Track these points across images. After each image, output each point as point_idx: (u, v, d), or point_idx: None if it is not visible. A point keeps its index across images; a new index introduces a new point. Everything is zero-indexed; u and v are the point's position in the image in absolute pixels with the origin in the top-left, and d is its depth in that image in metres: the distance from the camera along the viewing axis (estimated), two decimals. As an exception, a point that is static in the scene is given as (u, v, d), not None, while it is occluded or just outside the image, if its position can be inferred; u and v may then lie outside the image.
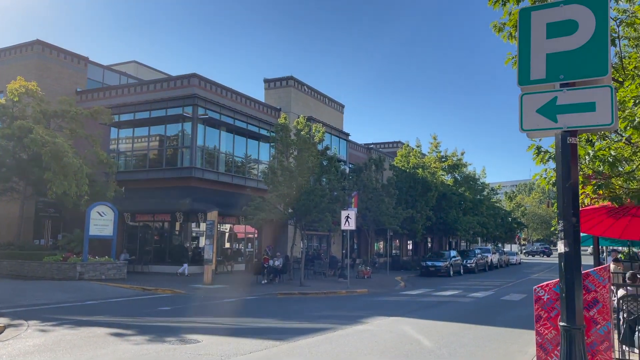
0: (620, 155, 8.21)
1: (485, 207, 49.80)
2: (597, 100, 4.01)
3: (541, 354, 4.41)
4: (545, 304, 4.44)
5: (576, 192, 4.11)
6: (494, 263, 42.59)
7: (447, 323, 12.48)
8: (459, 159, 44.89)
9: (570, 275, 4.00)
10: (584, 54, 4.04)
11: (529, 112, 4.24)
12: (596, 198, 9.21)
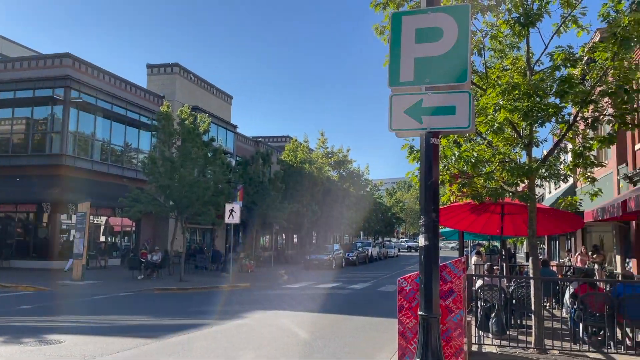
0: (482, 157, 8.92)
1: (368, 203, 52.00)
2: (457, 104, 4.30)
3: (402, 342, 4.66)
4: (407, 295, 4.69)
5: (437, 190, 4.37)
6: (374, 256, 44.59)
7: (326, 315, 12.82)
8: (345, 156, 46.33)
9: (429, 267, 4.26)
10: (447, 61, 4.30)
11: (397, 113, 4.45)
12: (461, 195, 9.95)
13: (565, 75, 8.55)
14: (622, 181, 17.64)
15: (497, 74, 9.67)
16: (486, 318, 9.52)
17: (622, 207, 12.81)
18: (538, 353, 8.09)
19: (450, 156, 8.98)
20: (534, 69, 9.42)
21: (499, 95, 8.19)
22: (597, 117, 8.57)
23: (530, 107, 8.07)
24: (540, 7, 8.74)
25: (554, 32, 8.96)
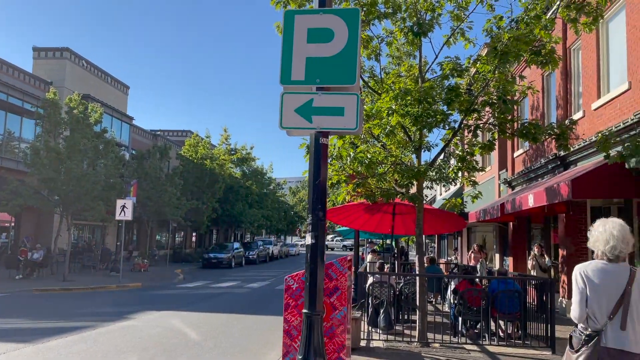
0: (376, 158, 9.23)
1: (271, 201, 51.92)
2: (345, 106, 4.36)
3: (287, 340, 4.67)
4: (294, 293, 4.70)
5: (324, 189, 4.42)
6: (275, 254, 44.65)
7: (219, 314, 12.58)
8: (248, 153, 45.86)
9: (315, 265, 4.29)
10: (337, 62, 4.36)
11: (288, 111, 4.43)
12: (356, 195, 10.23)
13: (452, 84, 9.11)
14: (502, 185, 19.16)
15: (393, 79, 10.08)
16: (376, 314, 9.87)
17: (500, 209, 13.91)
18: (421, 346, 8.53)
19: (345, 157, 9.20)
20: (425, 76, 9.93)
21: (392, 100, 8.51)
22: (478, 125, 9.20)
23: (421, 113, 8.48)
24: (432, 18, 9.22)
25: (444, 43, 9.50)
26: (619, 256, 3.52)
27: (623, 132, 9.61)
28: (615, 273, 3.48)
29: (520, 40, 8.36)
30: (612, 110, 10.79)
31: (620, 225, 3.59)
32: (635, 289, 3.42)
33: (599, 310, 3.45)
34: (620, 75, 10.70)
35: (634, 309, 3.40)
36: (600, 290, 3.46)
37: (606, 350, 3.38)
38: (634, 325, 3.39)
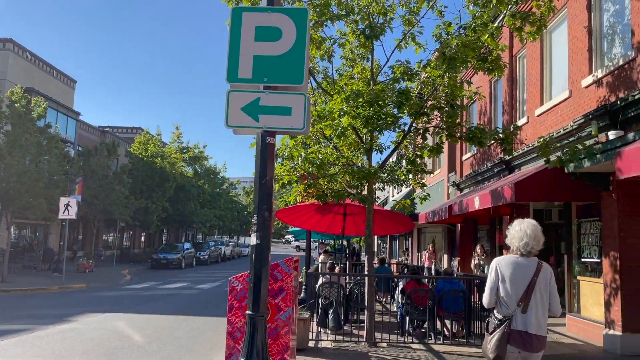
0: (327, 159, 9.26)
1: (224, 201, 51.30)
2: (293, 105, 4.34)
3: (230, 342, 4.60)
4: (238, 294, 4.64)
5: (270, 189, 4.38)
6: (227, 255, 44.11)
7: (166, 316, 12.29)
8: (201, 152, 45.12)
9: (259, 266, 4.24)
10: (285, 61, 4.33)
11: (234, 109, 4.36)
12: (307, 196, 10.23)
13: (403, 88, 9.24)
14: (451, 188, 19.64)
15: (345, 81, 10.14)
16: (325, 314, 9.89)
17: (448, 211, 14.23)
18: (368, 346, 8.60)
19: (297, 157, 9.20)
20: (377, 79, 10.04)
21: (344, 101, 8.56)
22: (427, 129, 9.38)
23: (371, 115, 8.55)
24: (384, 21, 9.34)
25: (395, 47, 9.63)
26: (531, 252, 4.02)
27: (563, 138, 10.03)
28: (525, 266, 3.99)
29: (468, 46, 8.58)
30: (554, 116, 11.25)
31: (534, 225, 4.09)
32: (541, 280, 3.95)
33: (510, 297, 3.94)
34: (562, 84, 11.17)
35: (538, 297, 3.91)
36: (512, 281, 3.96)
37: (516, 332, 3.90)
38: (537, 311, 3.90)
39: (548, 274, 4.03)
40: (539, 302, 3.92)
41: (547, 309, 3.98)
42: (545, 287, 3.96)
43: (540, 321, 3.92)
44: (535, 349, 3.90)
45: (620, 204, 8.49)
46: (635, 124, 8.11)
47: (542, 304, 3.93)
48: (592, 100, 9.61)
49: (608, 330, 8.53)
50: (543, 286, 3.94)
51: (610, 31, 9.50)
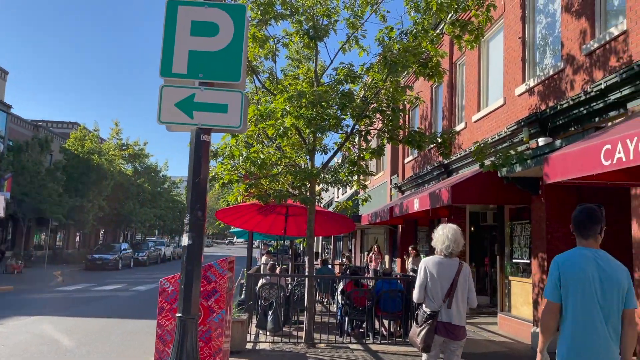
0: (269, 159, 9.18)
1: (164, 200, 49.99)
2: (229, 103, 4.25)
3: (160, 346, 4.45)
4: (169, 296, 4.49)
5: (204, 188, 4.27)
6: (167, 256, 42.96)
7: (99, 319, 11.80)
8: (142, 149, 43.78)
9: (191, 267, 4.12)
10: (222, 58, 4.24)
11: (168, 105, 4.22)
12: (248, 196, 10.09)
13: (346, 90, 9.31)
14: (393, 190, 20.01)
15: (289, 81, 10.10)
16: (264, 316, 9.80)
17: (390, 212, 14.48)
18: (307, 347, 8.59)
19: (238, 156, 9.06)
20: (321, 80, 10.06)
21: (287, 101, 8.52)
22: (369, 131, 9.49)
23: (315, 116, 8.56)
24: (328, 23, 9.38)
25: (339, 49, 9.70)
26: (452, 253, 4.58)
27: (497, 144, 10.42)
28: (449, 265, 4.54)
29: (409, 52, 8.76)
30: (490, 123, 11.67)
31: (454, 230, 4.63)
32: (462, 278, 4.53)
33: (437, 294, 4.50)
34: (498, 91, 11.61)
35: (459, 292, 4.51)
36: (437, 279, 4.52)
37: (442, 324, 4.46)
38: (458, 305, 4.50)
39: (467, 272, 4.64)
40: (460, 297, 4.52)
41: (466, 303, 4.60)
42: (464, 284, 4.57)
43: (461, 313, 4.55)
44: (458, 338, 4.52)
45: (548, 207, 8.91)
46: (563, 132, 8.53)
47: (462, 299, 4.54)
48: (525, 108, 10.03)
49: (536, 328, 8.92)
50: (463, 283, 4.55)
51: (542, 42, 9.95)
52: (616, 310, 3.14)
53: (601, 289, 3.13)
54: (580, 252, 3.26)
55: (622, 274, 3.19)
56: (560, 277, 3.21)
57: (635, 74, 6.54)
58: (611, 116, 7.39)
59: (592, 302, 3.12)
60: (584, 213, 3.33)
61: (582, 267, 3.17)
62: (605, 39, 7.66)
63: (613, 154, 5.05)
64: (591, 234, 3.29)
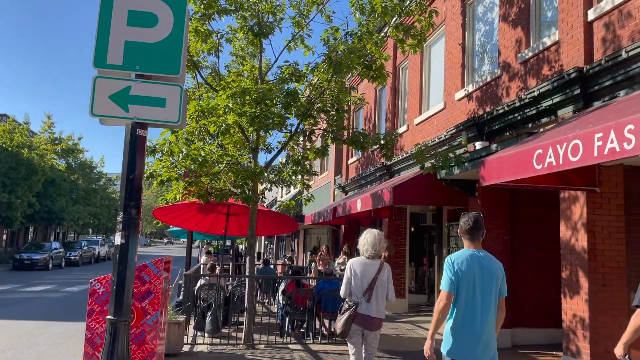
0: (210, 157, 8.97)
1: (100, 198, 48.04)
2: (167, 97, 4.10)
3: (89, 350, 4.23)
4: (100, 297, 4.28)
5: (139, 185, 4.10)
6: (102, 255, 41.32)
7: (26, 322, 11.14)
8: (76, 144, 41.79)
9: (124, 267, 3.94)
10: (160, 50, 4.08)
11: (101, 97, 4.02)
12: (187, 194, 9.83)
13: (291, 88, 9.25)
14: (337, 190, 20.14)
15: (233, 77, 9.92)
16: (203, 317, 9.58)
17: (333, 212, 14.56)
18: (246, 348, 8.47)
19: (178, 153, 8.80)
20: (266, 78, 9.95)
21: (230, 98, 8.36)
22: (313, 131, 9.48)
23: (258, 114, 8.45)
24: (274, 21, 9.29)
25: (284, 47, 9.63)
26: (373, 255, 5.26)
27: (437, 146, 10.69)
28: (371, 265, 5.23)
29: (354, 53, 8.82)
30: (430, 126, 11.96)
31: (374, 236, 5.31)
32: (382, 276, 5.20)
33: (358, 289, 5.16)
34: (438, 96, 11.92)
35: (379, 289, 5.17)
36: (360, 277, 5.17)
37: (360, 315, 5.12)
38: (377, 300, 5.15)
39: (387, 271, 5.30)
40: (379, 293, 5.17)
41: (385, 298, 5.24)
42: (384, 282, 5.21)
43: (380, 307, 5.17)
44: (374, 328, 5.17)
45: (484, 208, 9.22)
46: (498, 136, 8.86)
47: (382, 295, 5.19)
48: (464, 112, 10.35)
49: (470, 326, 9.20)
50: (383, 281, 5.20)
51: (480, 49, 10.30)
52: (493, 298, 3.94)
53: (482, 281, 3.92)
54: (468, 252, 4.01)
55: (498, 269, 4.01)
56: (454, 272, 3.93)
57: (565, 83, 6.88)
58: (543, 122, 7.75)
59: (475, 291, 3.90)
60: (472, 221, 4.09)
61: (469, 264, 3.93)
62: (539, 48, 8.01)
63: (544, 159, 5.28)
64: (476, 237, 4.07)
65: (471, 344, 3.86)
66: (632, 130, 4.18)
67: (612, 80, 6.30)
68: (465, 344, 3.87)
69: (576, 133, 4.87)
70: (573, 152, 4.85)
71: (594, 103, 6.71)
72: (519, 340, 9.07)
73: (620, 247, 6.66)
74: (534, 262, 9.39)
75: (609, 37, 6.58)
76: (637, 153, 4.12)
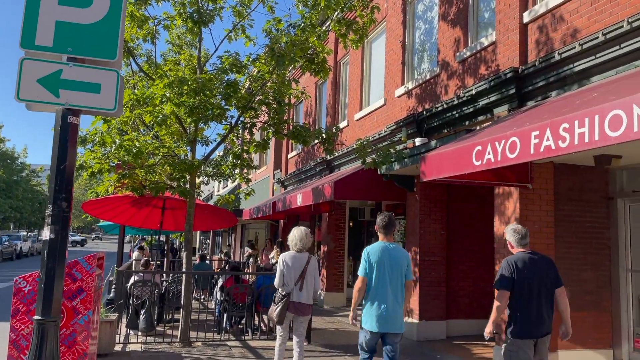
0: (145, 148, 8.60)
1: (22, 190, 45.27)
2: (102, 82, 3.84)
3: (13, 352, 3.92)
4: (25, 296, 3.97)
5: (71, 176, 3.82)
6: (24, 251, 38.92)
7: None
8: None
9: (53, 264, 3.66)
10: (95, 32, 3.82)
11: (29, 81, 3.71)
12: (120, 187, 9.39)
13: (232, 79, 9.02)
14: (276, 185, 20.00)
15: (170, 66, 9.54)
16: (136, 315, 9.21)
17: (272, 207, 14.41)
18: (182, 346, 8.21)
19: (110, 144, 8.36)
20: (205, 68, 9.66)
21: (167, 87, 8.03)
22: (254, 123, 9.30)
23: (197, 105, 8.18)
24: (214, 9, 9.01)
25: (225, 37, 9.37)
26: (301, 249, 5.99)
27: (378, 142, 10.81)
28: (300, 258, 5.97)
29: (297, 45, 8.73)
30: (371, 122, 12.08)
31: (301, 231, 6.06)
32: (310, 268, 5.94)
33: (290, 280, 5.87)
34: (379, 92, 12.06)
35: (308, 279, 5.91)
36: (291, 268, 5.88)
37: (292, 303, 5.86)
38: (307, 289, 5.91)
39: (314, 263, 6.03)
40: (308, 283, 5.92)
41: (313, 287, 5.97)
42: (312, 272, 5.96)
43: (309, 295, 5.94)
44: (304, 314, 5.97)
45: (422, 204, 9.42)
46: (437, 133, 9.07)
47: (310, 284, 5.94)
48: (404, 109, 10.52)
49: (407, 319, 9.40)
50: (311, 272, 5.95)
51: (420, 47, 10.50)
52: (400, 282, 4.93)
53: (390, 268, 4.89)
54: (381, 244, 4.98)
55: (404, 259, 4.99)
56: (368, 261, 4.90)
57: (501, 82, 7.12)
58: (479, 120, 7.99)
59: (385, 276, 4.87)
60: (387, 219, 5.07)
61: (381, 254, 4.90)
62: (477, 48, 8.25)
63: (483, 155, 5.42)
64: (389, 232, 5.04)
65: (381, 317, 4.83)
66: (566, 129, 4.36)
67: (545, 81, 6.59)
68: (376, 318, 4.84)
69: (514, 131, 5.04)
70: (511, 149, 5.01)
71: (528, 103, 6.99)
72: (454, 331, 9.36)
73: (550, 241, 6.99)
74: (469, 255, 9.71)
75: (543, 40, 6.88)
76: (571, 151, 4.31)
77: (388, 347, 4.95)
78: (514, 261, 4.60)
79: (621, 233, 7.35)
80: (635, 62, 5.55)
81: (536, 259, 4.63)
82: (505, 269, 4.58)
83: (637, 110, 3.79)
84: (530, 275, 4.52)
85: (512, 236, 4.76)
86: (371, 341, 4.96)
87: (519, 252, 4.69)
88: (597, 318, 7.23)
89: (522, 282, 4.50)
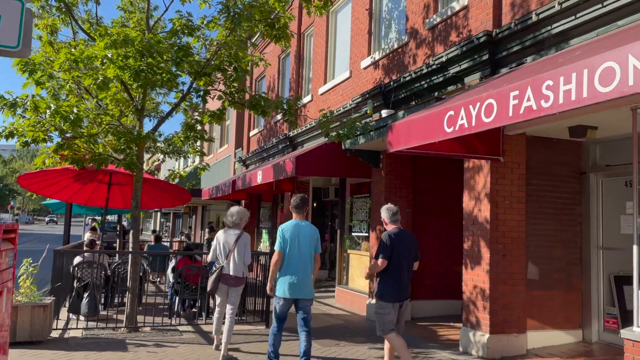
0: (85, 115, 7.79)
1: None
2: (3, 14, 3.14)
3: None
4: None
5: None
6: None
7: None
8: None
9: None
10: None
11: None
12: (60, 159, 8.54)
13: (184, 43, 8.25)
14: (237, 164, 19.25)
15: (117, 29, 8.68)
16: (78, 298, 8.46)
17: (232, 185, 13.73)
18: (128, 332, 7.56)
19: (44, 109, 7.49)
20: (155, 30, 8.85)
21: (110, 47, 7.22)
22: (208, 90, 8.57)
23: (143, 68, 7.40)
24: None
25: (176, -5, 8.57)
26: (233, 225, 6.56)
27: (343, 116, 10.23)
28: (232, 234, 6.50)
29: (255, 7, 8.04)
30: (336, 96, 11.49)
31: (237, 209, 6.70)
32: (240, 242, 6.45)
33: (222, 253, 6.43)
34: (344, 64, 11.45)
35: (236, 253, 6.39)
36: (224, 243, 6.45)
37: (223, 275, 6.40)
38: (235, 262, 6.38)
39: (245, 238, 6.55)
40: (237, 256, 6.38)
41: (243, 260, 6.43)
42: (242, 247, 6.44)
43: (238, 267, 6.40)
44: (236, 285, 6.46)
45: (387, 180, 8.95)
46: (404, 105, 8.56)
47: (239, 257, 6.39)
48: (370, 81, 9.97)
49: (370, 300, 8.96)
50: (241, 246, 6.44)
51: (388, 16, 9.92)
52: (310, 255, 5.50)
53: (301, 243, 5.46)
54: (294, 222, 5.56)
55: (313, 233, 5.56)
56: (282, 237, 5.46)
57: (474, 48, 6.63)
58: (449, 90, 7.51)
59: (297, 250, 5.43)
60: (300, 199, 5.62)
61: (294, 231, 5.48)
62: (447, 13, 7.74)
63: (456, 121, 4.92)
64: (301, 211, 5.58)
65: (291, 286, 5.37)
66: (550, 86, 3.88)
67: (521, 45, 6.13)
68: (289, 286, 5.37)
69: (490, 92, 4.54)
70: (487, 113, 4.52)
71: (501, 70, 6.53)
72: (418, 312, 8.98)
73: (521, 217, 6.62)
74: (433, 233, 9.31)
75: (518, 1, 6.40)
76: (555, 111, 3.84)
77: (300, 311, 5.45)
78: (392, 234, 5.37)
79: (593, 209, 7.04)
80: (617, 22, 5.13)
81: (406, 234, 5.52)
82: (386, 240, 5.32)
83: (632, 61, 3.32)
84: (402, 248, 5.34)
85: (386, 213, 5.55)
86: (283, 307, 5.48)
87: (393, 228, 5.47)
88: (566, 297, 6.94)
89: (398, 254, 5.30)
